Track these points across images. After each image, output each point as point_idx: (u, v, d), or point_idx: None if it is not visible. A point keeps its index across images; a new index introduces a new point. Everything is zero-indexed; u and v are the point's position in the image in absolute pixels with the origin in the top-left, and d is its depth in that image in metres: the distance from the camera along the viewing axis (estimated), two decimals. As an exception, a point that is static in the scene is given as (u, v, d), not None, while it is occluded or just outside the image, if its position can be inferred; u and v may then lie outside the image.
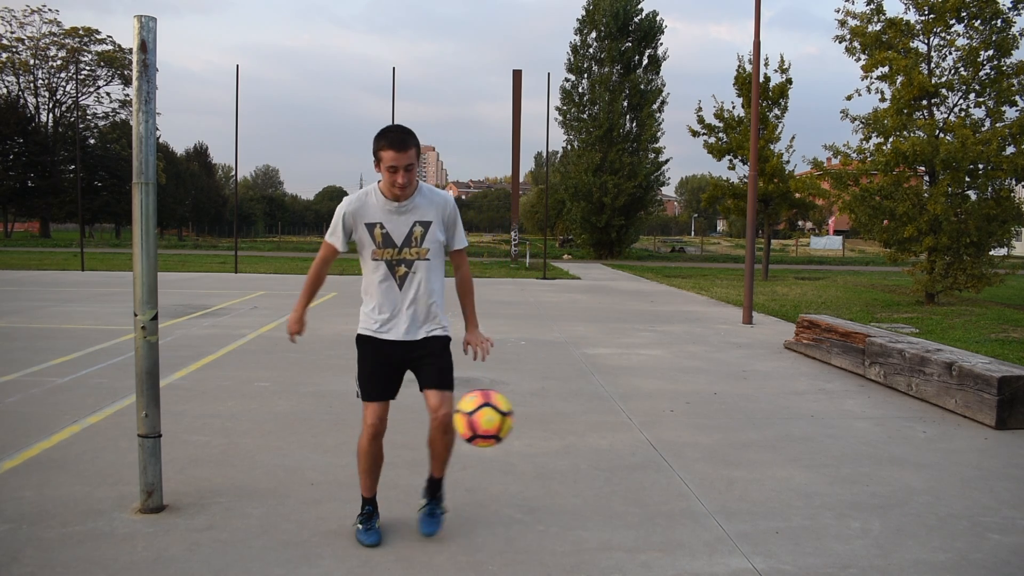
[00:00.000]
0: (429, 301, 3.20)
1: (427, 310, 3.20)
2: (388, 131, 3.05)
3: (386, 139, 3.01)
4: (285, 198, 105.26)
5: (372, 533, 3.25)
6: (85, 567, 2.94)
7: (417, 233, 3.15)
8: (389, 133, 3.03)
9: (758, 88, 12.12)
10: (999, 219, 13.71)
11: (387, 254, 3.15)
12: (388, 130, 3.05)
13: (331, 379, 6.55)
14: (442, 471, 3.34)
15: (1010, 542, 3.38)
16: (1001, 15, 13.85)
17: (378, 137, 3.04)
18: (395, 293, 3.17)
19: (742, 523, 3.53)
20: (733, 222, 61.55)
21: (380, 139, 3.03)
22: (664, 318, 11.77)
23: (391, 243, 3.14)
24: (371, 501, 3.34)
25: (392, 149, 2.99)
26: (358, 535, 3.26)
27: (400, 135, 3.02)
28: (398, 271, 3.16)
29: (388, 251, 3.15)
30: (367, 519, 3.29)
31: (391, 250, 3.15)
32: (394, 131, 3.04)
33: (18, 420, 4.99)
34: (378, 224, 3.13)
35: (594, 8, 36.07)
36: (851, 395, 6.43)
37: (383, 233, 3.13)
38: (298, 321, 3.30)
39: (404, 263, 3.16)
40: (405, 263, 3.16)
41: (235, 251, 21.84)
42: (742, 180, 22.37)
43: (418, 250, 3.16)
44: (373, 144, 3.04)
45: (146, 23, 3.38)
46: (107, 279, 17.18)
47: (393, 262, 3.16)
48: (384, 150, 3.00)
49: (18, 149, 47.47)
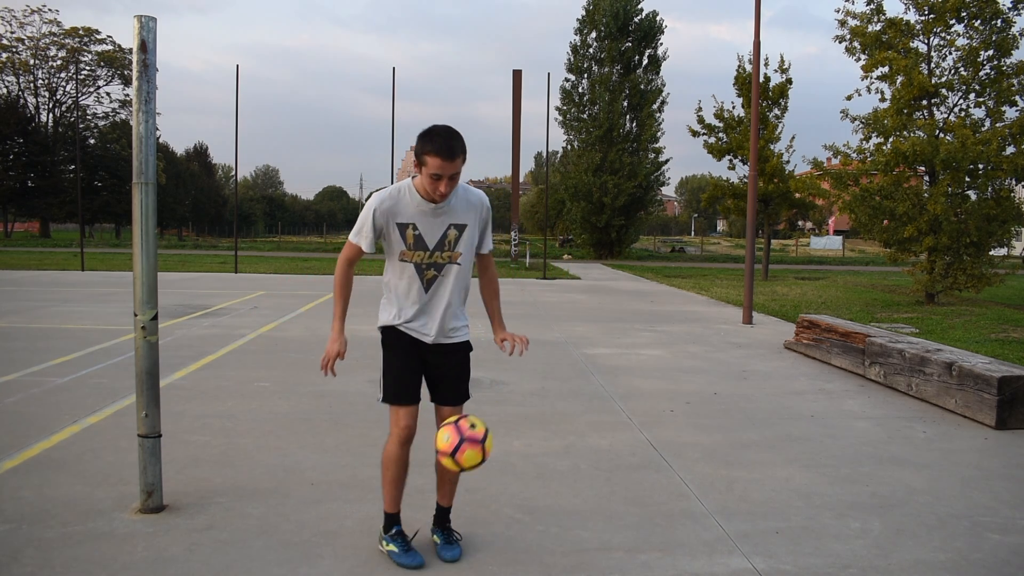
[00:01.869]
0: (456, 306, 3.06)
1: (453, 315, 3.06)
2: (436, 135, 2.80)
3: (433, 144, 2.78)
4: (285, 198, 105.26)
5: (413, 554, 3.02)
6: (85, 567, 2.94)
7: (451, 236, 2.97)
8: (437, 138, 2.78)
9: (758, 88, 12.12)
10: (999, 219, 13.71)
11: (417, 256, 2.96)
12: (435, 134, 2.80)
13: (331, 379, 6.52)
14: (451, 499, 3.20)
15: (1010, 542, 3.38)
16: (1001, 15, 13.86)
17: (424, 139, 2.81)
18: (421, 297, 3.00)
19: (742, 523, 3.53)
20: (733, 222, 61.55)
21: (427, 143, 2.79)
22: (664, 318, 11.77)
23: (423, 245, 2.95)
24: (397, 518, 3.11)
25: (439, 157, 2.77)
26: (397, 558, 3.00)
27: (448, 142, 2.78)
28: (427, 275, 2.99)
29: (419, 254, 2.96)
30: (402, 539, 3.05)
31: (422, 253, 2.96)
32: (442, 136, 2.79)
33: (18, 420, 4.99)
34: (411, 225, 2.93)
35: (594, 8, 36.07)
36: (851, 395, 6.43)
37: (416, 235, 2.94)
38: (338, 340, 2.99)
39: (434, 267, 2.98)
40: (435, 267, 2.98)
41: (235, 251, 21.84)
42: (742, 180, 22.38)
43: (450, 254, 2.99)
44: (417, 144, 2.83)
45: (146, 23, 3.38)
46: (107, 279, 17.18)
47: (423, 265, 2.98)
48: (430, 155, 2.78)
49: (18, 149, 47.46)
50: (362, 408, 5.56)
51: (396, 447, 3.03)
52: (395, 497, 3.10)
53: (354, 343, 3.31)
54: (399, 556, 3.02)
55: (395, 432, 3.02)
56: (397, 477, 3.07)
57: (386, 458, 3.07)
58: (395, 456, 3.04)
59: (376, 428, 4.97)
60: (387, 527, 3.11)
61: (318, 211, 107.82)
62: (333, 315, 3.05)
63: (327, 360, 3.00)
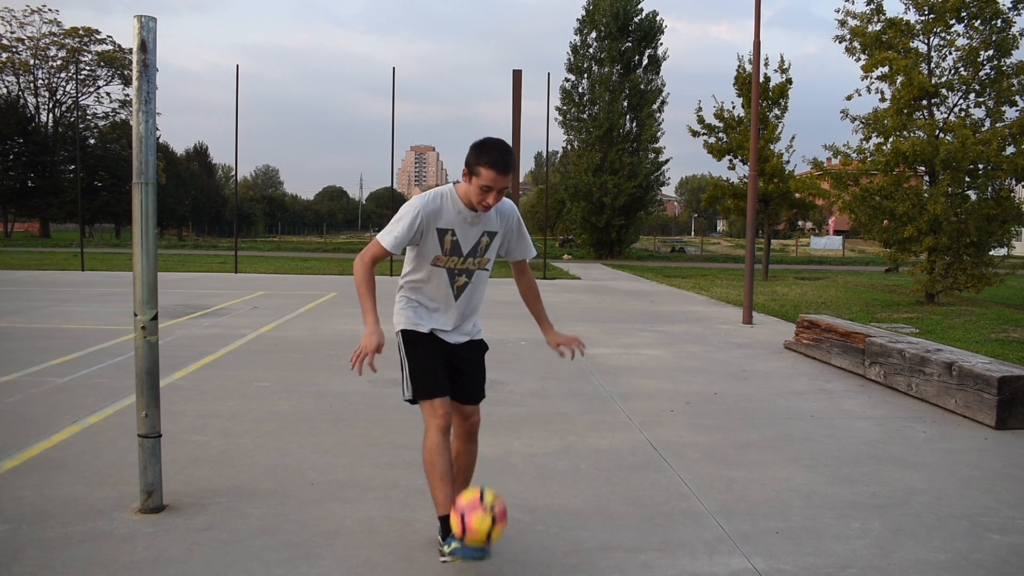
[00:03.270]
0: (477, 310, 3.14)
1: (473, 318, 3.14)
2: (492, 148, 2.85)
3: (489, 157, 2.82)
4: (285, 198, 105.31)
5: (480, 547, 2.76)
6: (85, 567, 2.94)
7: (483, 244, 3.02)
8: (494, 151, 2.83)
9: (758, 88, 12.12)
10: (999, 219, 13.71)
11: (451, 262, 2.99)
12: (492, 147, 2.85)
13: (331, 379, 6.55)
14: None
15: (1010, 542, 3.38)
16: (1001, 15, 13.87)
17: (480, 151, 2.85)
18: (449, 302, 3.04)
19: (742, 523, 3.53)
20: (733, 222, 61.53)
21: (482, 155, 2.84)
22: (664, 318, 11.77)
23: (458, 252, 2.98)
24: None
25: (494, 170, 2.81)
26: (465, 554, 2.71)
27: (504, 156, 2.83)
28: (458, 281, 3.02)
29: (453, 259, 2.99)
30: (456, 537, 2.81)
31: (456, 259, 2.99)
32: (498, 150, 2.84)
33: (18, 420, 4.99)
34: (450, 231, 2.95)
35: (594, 8, 36.08)
36: (851, 395, 6.43)
37: (453, 240, 2.96)
38: (376, 332, 2.85)
39: (465, 273, 3.03)
40: (466, 273, 3.03)
41: (235, 251, 21.84)
42: (742, 180, 22.38)
43: (480, 260, 3.04)
44: (472, 154, 2.87)
45: (146, 23, 3.38)
46: (107, 279, 17.18)
47: (455, 271, 3.01)
48: (485, 168, 2.82)
49: (18, 149, 47.49)
50: (362, 408, 5.56)
51: (438, 436, 2.88)
52: (448, 495, 2.85)
53: (352, 343, 3.30)
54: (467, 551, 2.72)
55: (433, 423, 2.90)
56: (445, 471, 2.87)
57: (429, 453, 2.89)
58: (439, 447, 2.87)
59: (376, 428, 4.97)
60: (445, 532, 2.82)
61: (318, 211, 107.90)
62: (363, 310, 2.93)
63: (364, 354, 2.82)
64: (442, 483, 2.86)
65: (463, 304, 3.07)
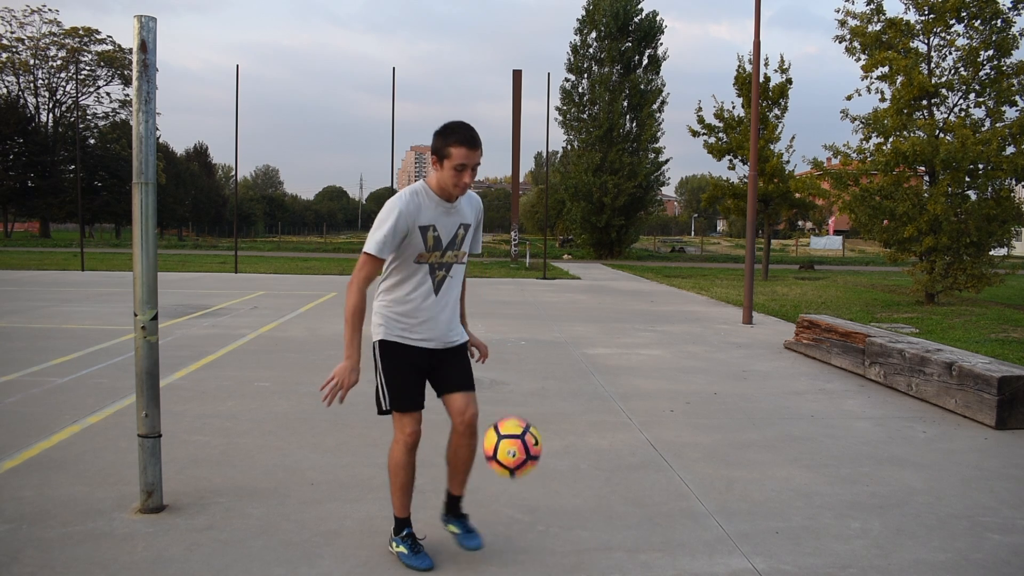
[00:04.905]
0: (457, 306, 3.12)
1: (455, 315, 3.11)
2: (458, 128, 2.87)
3: (457, 135, 2.84)
4: (285, 198, 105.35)
5: (424, 557, 3.04)
6: (85, 567, 2.94)
7: (460, 236, 3.03)
8: (461, 130, 2.86)
9: (758, 88, 12.12)
10: (999, 219, 13.70)
11: (433, 257, 2.98)
12: (458, 127, 2.88)
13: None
14: (463, 487, 3.18)
15: (1010, 542, 3.38)
16: (1001, 15, 13.86)
17: (446, 133, 2.86)
18: (431, 298, 3.01)
19: (742, 523, 3.53)
20: (733, 222, 61.57)
21: (450, 135, 2.85)
22: (664, 318, 11.77)
23: (439, 246, 2.97)
24: (407, 522, 3.12)
25: (465, 146, 2.83)
26: (408, 560, 3.03)
27: (472, 132, 2.86)
28: (438, 275, 3.01)
29: (435, 254, 2.98)
30: (412, 541, 3.08)
31: (437, 253, 2.98)
32: (465, 128, 2.87)
33: (18, 420, 4.99)
34: (431, 226, 2.94)
35: (594, 8, 36.07)
36: (851, 395, 6.43)
37: (435, 236, 2.95)
38: (356, 369, 2.88)
39: (444, 267, 3.02)
40: (445, 267, 3.02)
41: (235, 251, 21.84)
42: (742, 180, 22.38)
43: (457, 253, 3.04)
44: (437, 140, 2.87)
45: (146, 23, 3.38)
46: (107, 279, 17.18)
47: (436, 266, 3.00)
48: (455, 146, 2.83)
49: (18, 149, 47.47)
50: (362, 408, 5.55)
51: (403, 454, 3.01)
52: (405, 503, 3.10)
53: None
54: (408, 558, 3.03)
55: (401, 439, 3.01)
56: (407, 483, 3.06)
57: (394, 465, 3.04)
58: (403, 463, 3.03)
59: (376, 428, 4.97)
60: (397, 529, 3.11)
61: (318, 211, 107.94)
62: (347, 342, 2.88)
63: (341, 388, 2.87)
64: (401, 493, 3.07)
65: (444, 300, 3.03)
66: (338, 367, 2.89)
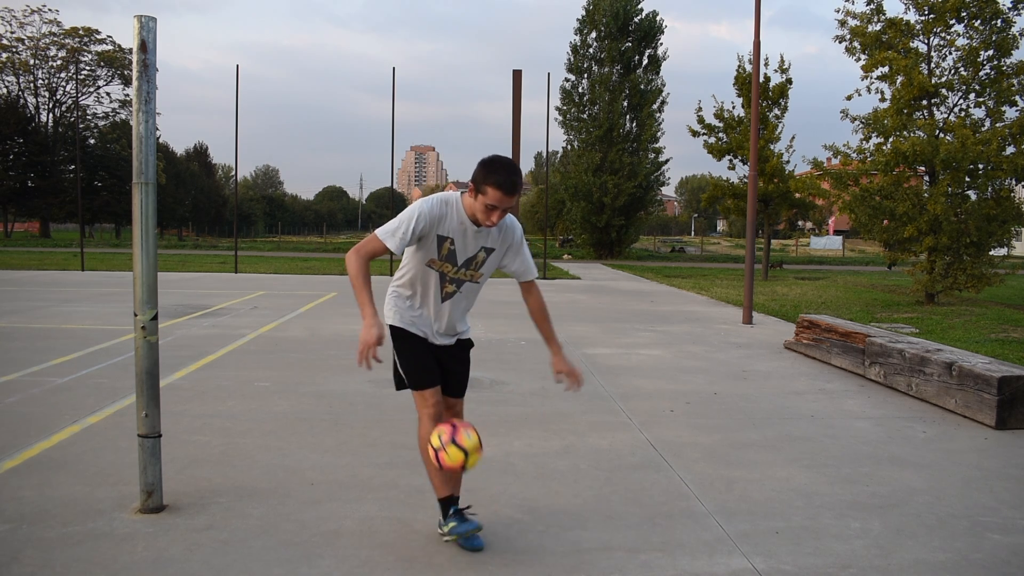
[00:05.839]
0: (462, 319, 3.21)
1: (459, 321, 3.21)
2: (500, 168, 2.84)
3: (497, 177, 2.81)
4: (285, 198, 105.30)
5: (471, 522, 3.08)
6: (85, 567, 2.94)
7: (480, 258, 3.06)
8: (502, 171, 2.83)
9: (758, 88, 12.12)
10: (999, 219, 13.71)
11: (445, 268, 3.04)
12: (500, 166, 2.85)
13: (331, 379, 6.55)
14: (458, 487, 3.23)
15: (1010, 542, 3.38)
16: (1001, 15, 13.86)
17: (488, 171, 2.84)
18: (436, 305, 3.09)
19: (742, 523, 3.53)
20: (733, 222, 61.56)
21: (490, 174, 2.83)
22: (664, 318, 11.77)
23: (453, 260, 3.02)
24: (452, 499, 3.14)
25: (501, 191, 2.82)
26: (459, 531, 3.07)
27: (512, 178, 2.83)
28: (447, 288, 3.07)
29: (447, 266, 3.03)
30: (460, 517, 3.09)
31: (450, 266, 3.03)
32: (506, 170, 2.84)
33: (18, 420, 4.99)
34: (450, 239, 2.98)
35: (594, 8, 36.06)
36: (851, 395, 6.43)
37: (451, 249, 3.00)
38: (375, 324, 2.83)
39: (456, 282, 3.07)
40: (457, 283, 3.08)
41: (235, 251, 21.84)
42: (742, 180, 22.38)
43: (473, 273, 3.08)
44: (479, 172, 2.86)
45: (146, 23, 3.38)
46: (107, 279, 17.18)
47: (448, 278, 3.05)
48: (492, 188, 2.82)
49: (18, 149, 47.45)
50: (362, 408, 5.56)
51: (430, 426, 3.04)
52: (444, 479, 3.11)
53: (352, 343, 3.30)
54: (460, 528, 3.08)
55: (425, 413, 3.08)
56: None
57: (424, 443, 3.05)
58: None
59: (376, 428, 4.97)
60: (444, 511, 3.15)
61: (318, 211, 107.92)
62: (360, 303, 2.88)
63: (366, 347, 2.82)
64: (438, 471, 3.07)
65: (447, 310, 3.12)
66: (361, 333, 2.87)
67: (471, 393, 6.16)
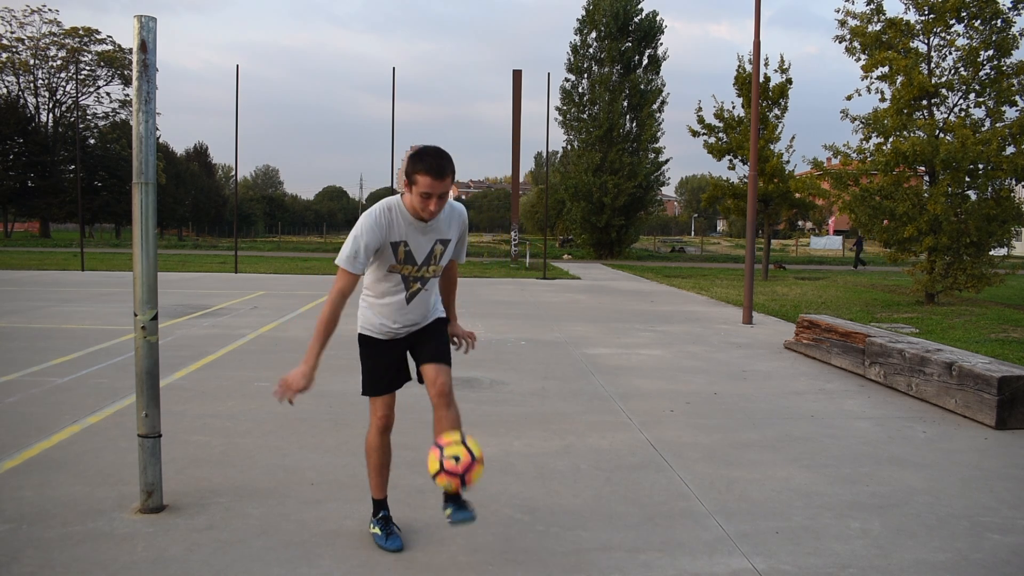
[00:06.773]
0: (433, 308, 3.24)
1: (428, 314, 3.23)
2: (426, 155, 2.85)
3: (423, 164, 2.82)
4: (285, 198, 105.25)
5: (395, 538, 3.19)
6: (85, 567, 2.94)
7: (438, 252, 3.08)
8: (427, 158, 2.84)
9: (758, 88, 12.12)
10: (999, 219, 13.70)
11: (406, 270, 3.05)
12: (426, 154, 2.85)
13: (331, 379, 6.55)
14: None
15: (1010, 542, 3.38)
16: (1001, 15, 13.86)
17: (415, 160, 2.86)
18: (402, 306, 3.11)
19: (742, 523, 3.53)
20: (733, 222, 61.58)
21: (417, 163, 2.84)
22: (664, 318, 11.77)
23: (412, 261, 3.04)
24: (383, 504, 3.28)
25: (430, 176, 2.81)
26: (379, 541, 3.19)
27: (439, 162, 2.83)
28: (412, 287, 3.09)
29: (408, 268, 3.05)
30: (385, 524, 3.23)
31: (411, 267, 3.05)
32: (432, 156, 2.84)
33: (18, 420, 4.99)
34: (403, 242, 2.99)
35: (594, 8, 36.07)
36: (851, 395, 6.43)
37: (406, 251, 3.01)
38: (308, 376, 2.87)
39: (420, 280, 3.09)
40: (421, 280, 3.09)
41: (235, 251, 21.84)
42: (742, 180, 22.38)
43: (435, 268, 3.10)
44: (407, 164, 2.88)
45: (146, 23, 3.38)
46: (107, 279, 17.18)
47: (410, 278, 3.07)
48: (421, 175, 2.82)
49: (18, 149, 47.45)
50: (362, 408, 5.54)
51: (376, 435, 3.23)
52: (379, 484, 3.29)
53: (352, 342, 3.30)
54: (381, 539, 3.20)
55: (373, 421, 3.23)
56: (380, 464, 3.26)
57: (368, 447, 3.26)
58: (376, 444, 3.24)
59: (376, 428, 4.97)
60: (375, 512, 3.30)
61: (318, 211, 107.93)
62: (309, 349, 2.90)
63: (288, 389, 2.85)
64: (375, 474, 3.28)
65: (415, 307, 3.15)
66: (292, 372, 2.89)
67: (471, 393, 6.18)
